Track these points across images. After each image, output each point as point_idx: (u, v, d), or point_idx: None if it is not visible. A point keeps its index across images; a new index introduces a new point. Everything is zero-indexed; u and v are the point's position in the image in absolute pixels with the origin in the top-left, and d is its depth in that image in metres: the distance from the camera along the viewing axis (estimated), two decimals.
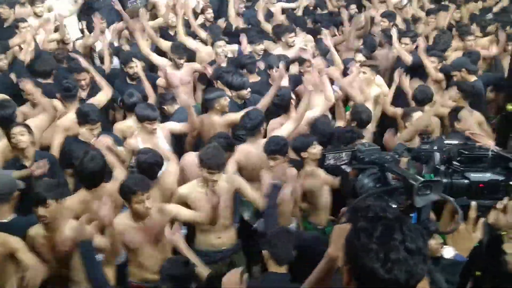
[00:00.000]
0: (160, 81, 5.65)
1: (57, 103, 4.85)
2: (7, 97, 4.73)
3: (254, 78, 5.63)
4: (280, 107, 4.80)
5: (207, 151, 3.71)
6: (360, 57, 5.93)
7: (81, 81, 5.26)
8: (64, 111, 4.78)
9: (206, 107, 4.95)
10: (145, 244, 3.45)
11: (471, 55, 6.08)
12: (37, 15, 6.85)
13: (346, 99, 5.40)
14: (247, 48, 6.33)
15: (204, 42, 6.59)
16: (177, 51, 5.66)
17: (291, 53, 6.24)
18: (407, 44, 6.20)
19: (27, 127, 4.05)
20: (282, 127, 4.43)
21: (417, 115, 4.59)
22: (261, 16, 7.63)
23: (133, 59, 5.55)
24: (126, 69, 5.59)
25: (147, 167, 3.77)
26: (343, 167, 1.95)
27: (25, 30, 6.18)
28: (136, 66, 5.48)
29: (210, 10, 7.55)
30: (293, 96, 4.91)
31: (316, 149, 4.03)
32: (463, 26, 7.40)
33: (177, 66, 5.69)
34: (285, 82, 5.18)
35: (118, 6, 6.73)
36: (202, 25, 7.27)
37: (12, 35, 6.17)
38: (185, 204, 3.72)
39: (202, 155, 3.68)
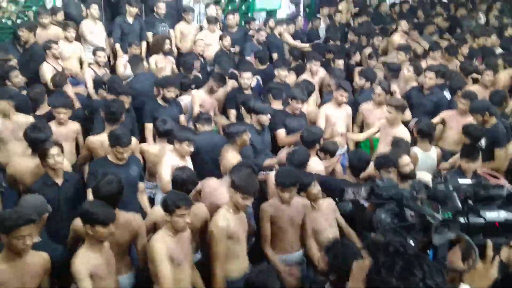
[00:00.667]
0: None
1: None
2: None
3: (277, 105, 5.78)
4: (308, 144, 4.79)
5: (242, 176, 3.76)
6: (379, 90, 5.95)
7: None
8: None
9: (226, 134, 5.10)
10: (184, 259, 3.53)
11: (496, 95, 5.99)
12: (67, 40, 7.07)
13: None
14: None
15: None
16: (219, 80, 6.04)
17: (315, 81, 6.45)
18: (431, 78, 6.23)
19: (61, 147, 4.23)
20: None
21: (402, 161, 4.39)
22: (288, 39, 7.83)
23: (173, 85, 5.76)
24: (164, 92, 5.75)
25: (183, 184, 3.87)
26: (361, 201, 2.03)
27: (56, 52, 6.48)
28: (174, 91, 5.72)
29: (228, 38, 7.72)
30: None
31: (315, 189, 4.05)
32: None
33: (212, 91, 5.99)
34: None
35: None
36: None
37: (35, 57, 6.48)
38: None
39: (237, 180, 3.71)
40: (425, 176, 4.05)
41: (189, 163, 4.62)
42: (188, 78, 6.59)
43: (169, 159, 4.55)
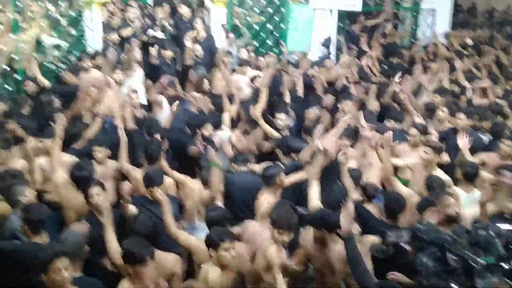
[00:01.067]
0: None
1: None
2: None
3: None
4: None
5: (280, 211, 3.81)
6: (414, 131, 5.94)
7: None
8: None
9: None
10: None
11: None
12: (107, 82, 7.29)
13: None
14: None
15: None
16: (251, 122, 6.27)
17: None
18: (462, 120, 6.21)
19: (103, 186, 4.36)
20: None
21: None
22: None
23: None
24: (201, 131, 5.97)
25: (218, 223, 3.96)
26: (402, 244, 2.04)
27: (94, 95, 6.71)
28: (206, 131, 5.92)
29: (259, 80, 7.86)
30: None
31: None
32: None
33: (246, 133, 6.26)
34: None
35: None
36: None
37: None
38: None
39: (275, 215, 3.76)
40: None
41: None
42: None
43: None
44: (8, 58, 8.11)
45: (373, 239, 3.75)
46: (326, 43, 10.10)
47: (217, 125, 6.43)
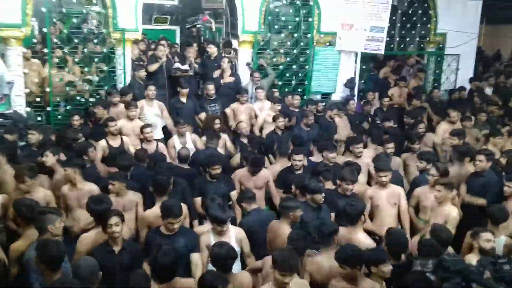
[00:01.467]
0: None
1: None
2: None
3: (328, 185, 5.86)
4: (349, 218, 4.84)
5: (282, 253, 3.81)
6: (434, 171, 5.92)
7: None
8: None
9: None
10: None
11: None
12: (129, 118, 7.47)
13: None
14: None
15: None
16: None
17: (364, 162, 6.61)
18: (481, 161, 6.19)
19: (122, 217, 4.44)
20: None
21: (486, 235, 4.43)
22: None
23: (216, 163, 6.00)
24: (209, 170, 6.01)
25: (221, 260, 3.95)
26: (427, 274, 2.05)
27: (113, 129, 6.92)
28: (218, 169, 5.95)
29: (281, 119, 7.91)
30: None
31: (386, 268, 3.91)
32: None
33: (253, 173, 6.19)
34: None
35: None
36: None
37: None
38: None
39: (276, 256, 3.77)
40: None
41: (232, 241, 4.64)
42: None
43: (207, 238, 4.66)
44: (41, 91, 8.44)
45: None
46: (350, 85, 10.23)
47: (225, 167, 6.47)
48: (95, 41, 8.59)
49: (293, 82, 10.07)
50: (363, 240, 4.61)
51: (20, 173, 5.19)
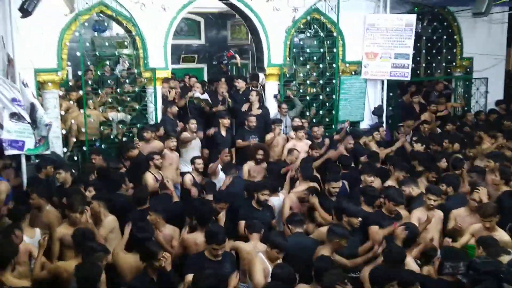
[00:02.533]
0: None
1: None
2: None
3: (367, 209, 5.92)
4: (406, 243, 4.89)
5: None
6: (476, 196, 5.92)
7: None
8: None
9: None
10: None
11: None
12: (171, 149, 7.74)
13: None
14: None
15: None
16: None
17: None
18: None
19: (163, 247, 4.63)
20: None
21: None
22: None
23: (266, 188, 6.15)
24: (258, 195, 6.10)
25: (284, 282, 4.05)
26: (459, 277, 2.05)
27: (159, 162, 7.13)
28: (268, 194, 6.08)
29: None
30: None
31: None
32: None
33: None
34: None
35: None
36: None
37: (138, 166, 7.23)
38: None
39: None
40: None
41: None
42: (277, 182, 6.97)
43: (261, 263, 4.67)
44: (76, 132, 8.75)
45: None
46: (378, 112, 10.26)
47: (274, 191, 6.60)
48: (127, 81, 8.92)
49: (321, 112, 10.16)
50: (412, 265, 4.58)
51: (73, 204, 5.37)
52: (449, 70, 12.08)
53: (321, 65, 10.14)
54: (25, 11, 6.77)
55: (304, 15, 9.71)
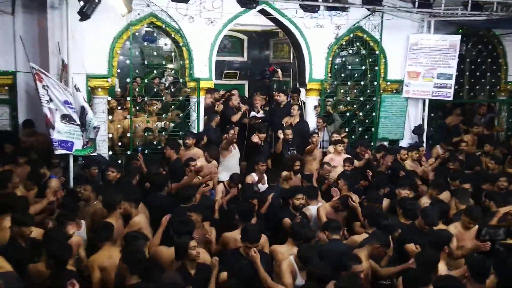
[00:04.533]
0: None
1: None
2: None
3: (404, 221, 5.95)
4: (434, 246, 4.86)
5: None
6: None
7: None
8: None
9: None
10: None
11: None
12: (207, 159, 7.87)
13: None
14: None
15: None
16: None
17: None
18: None
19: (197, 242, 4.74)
20: None
21: None
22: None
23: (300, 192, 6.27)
24: (293, 201, 6.23)
25: (320, 277, 4.20)
26: (496, 245, 2.07)
27: (194, 168, 7.21)
28: (302, 199, 6.17)
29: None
30: None
31: None
32: None
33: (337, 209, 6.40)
34: None
35: None
36: None
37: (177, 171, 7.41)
38: None
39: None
40: None
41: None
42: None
43: (289, 265, 4.76)
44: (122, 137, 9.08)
45: None
46: (418, 131, 10.21)
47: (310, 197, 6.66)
48: (172, 89, 9.22)
49: (360, 129, 10.19)
50: (442, 270, 4.54)
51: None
52: (492, 94, 11.93)
53: (362, 83, 10.21)
54: (84, 15, 7.13)
55: (347, 32, 9.85)
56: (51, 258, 4.32)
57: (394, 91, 10.39)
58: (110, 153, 8.76)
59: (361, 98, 10.23)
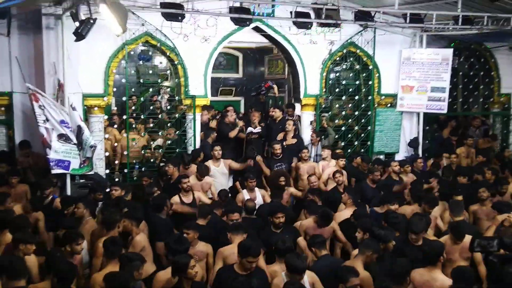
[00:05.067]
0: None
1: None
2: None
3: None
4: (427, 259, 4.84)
5: None
6: None
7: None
8: None
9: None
10: None
11: None
12: (197, 178, 7.91)
13: None
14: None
15: None
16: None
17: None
18: None
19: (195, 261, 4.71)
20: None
21: None
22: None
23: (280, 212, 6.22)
24: (273, 219, 6.22)
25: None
26: (490, 257, 2.10)
27: (186, 185, 7.28)
28: (283, 217, 6.15)
29: (338, 174, 8.11)
30: None
31: None
32: None
33: (321, 226, 6.39)
34: None
35: None
36: None
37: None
38: None
39: None
40: None
41: (306, 284, 4.70)
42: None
43: (281, 282, 4.67)
44: (120, 154, 9.11)
45: None
46: (414, 144, 10.27)
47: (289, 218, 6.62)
48: (168, 107, 9.27)
49: (356, 143, 10.25)
50: (446, 282, 4.50)
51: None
52: (486, 106, 12.03)
53: (356, 97, 10.29)
54: (80, 35, 7.20)
55: (340, 48, 9.96)
56: (56, 277, 4.31)
57: (389, 105, 10.47)
58: (107, 171, 8.77)
59: (356, 113, 10.30)
